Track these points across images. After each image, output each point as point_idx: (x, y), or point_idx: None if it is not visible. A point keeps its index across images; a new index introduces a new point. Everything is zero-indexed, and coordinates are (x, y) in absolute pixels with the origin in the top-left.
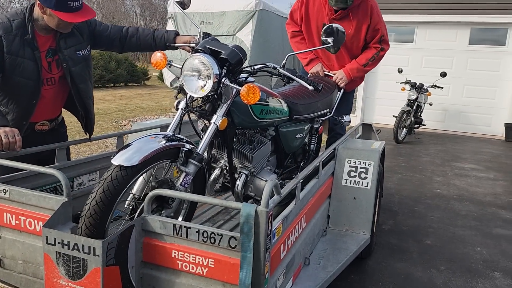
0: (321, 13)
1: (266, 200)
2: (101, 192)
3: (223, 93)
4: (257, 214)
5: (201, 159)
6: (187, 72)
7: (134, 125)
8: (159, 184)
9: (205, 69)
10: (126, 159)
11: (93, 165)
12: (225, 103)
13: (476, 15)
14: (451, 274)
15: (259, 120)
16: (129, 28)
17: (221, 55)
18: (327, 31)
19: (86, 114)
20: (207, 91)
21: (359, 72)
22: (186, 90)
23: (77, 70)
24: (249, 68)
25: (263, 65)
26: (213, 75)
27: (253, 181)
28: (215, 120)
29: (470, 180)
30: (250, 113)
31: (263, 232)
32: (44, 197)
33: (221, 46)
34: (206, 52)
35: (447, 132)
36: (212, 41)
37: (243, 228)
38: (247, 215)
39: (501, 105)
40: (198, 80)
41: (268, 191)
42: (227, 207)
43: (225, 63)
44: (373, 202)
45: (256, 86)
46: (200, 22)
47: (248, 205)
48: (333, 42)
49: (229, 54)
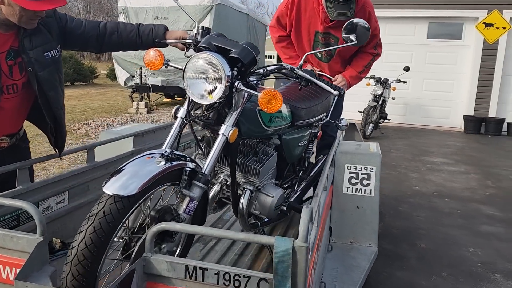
0: (314, 19)
1: (305, 233)
2: (92, 231)
3: (234, 99)
4: (295, 251)
5: (207, 181)
6: (192, 74)
7: (102, 133)
8: (160, 213)
9: (213, 70)
10: (122, 187)
11: (62, 184)
12: (235, 110)
13: (434, 10)
14: (455, 281)
15: (267, 129)
16: (108, 24)
17: (231, 54)
18: (347, 27)
19: (57, 127)
20: (217, 97)
21: (356, 80)
22: (190, 96)
23: (45, 75)
24: (261, 69)
25: (278, 66)
26: (225, 77)
27: (258, 198)
28: (224, 131)
29: (444, 175)
30: (259, 120)
31: (302, 272)
32: (12, 236)
33: (230, 43)
34: (212, 50)
35: (409, 125)
36: (218, 37)
37: (278, 268)
38: (282, 252)
39: (459, 97)
40: (206, 84)
41: (306, 220)
42: (255, 242)
43: (236, 64)
44: (377, 211)
45: (277, 91)
46: (154, 17)
47: (283, 239)
48: (356, 40)
49: (240, 53)
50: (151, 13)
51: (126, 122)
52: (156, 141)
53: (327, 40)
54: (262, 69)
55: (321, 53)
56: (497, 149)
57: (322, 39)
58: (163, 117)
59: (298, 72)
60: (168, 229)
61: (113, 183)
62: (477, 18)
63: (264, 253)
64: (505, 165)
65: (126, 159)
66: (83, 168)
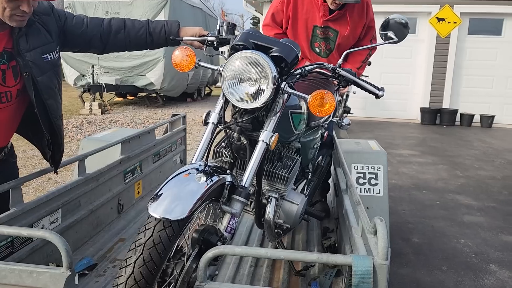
0: (312, 14)
1: (386, 250)
2: (141, 264)
3: (275, 102)
4: (375, 270)
5: (248, 194)
6: (232, 75)
7: (83, 142)
8: (204, 235)
9: (258, 71)
10: (168, 210)
11: (55, 202)
12: (274, 114)
13: (389, 5)
14: (455, 274)
15: (296, 133)
16: (112, 21)
17: (272, 52)
18: (383, 25)
19: (54, 140)
20: (263, 100)
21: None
22: (231, 101)
23: (44, 81)
24: (300, 69)
25: (318, 65)
26: (272, 79)
27: (283, 206)
28: (265, 138)
29: (415, 167)
30: (290, 124)
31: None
32: (30, 271)
33: (270, 40)
34: (250, 48)
35: (369, 118)
36: (255, 33)
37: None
38: (363, 273)
39: (415, 90)
40: (248, 86)
41: (386, 236)
42: (330, 263)
43: (280, 63)
44: (387, 211)
45: (329, 92)
46: (104, 12)
47: (361, 258)
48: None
49: (282, 51)
50: (101, 7)
51: (81, 125)
52: (142, 147)
53: (326, 34)
54: (301, 69)
55: (320, 48)
56: (455, 139)
57: (321, 33)
58: (120, 117)
59: (340, 72)
60: (226, 253)
61: (157, 207)
62: (430, 13)
63: (279, 262)
64: (467, 154)
65: (116, 168)
66: (75, 182)
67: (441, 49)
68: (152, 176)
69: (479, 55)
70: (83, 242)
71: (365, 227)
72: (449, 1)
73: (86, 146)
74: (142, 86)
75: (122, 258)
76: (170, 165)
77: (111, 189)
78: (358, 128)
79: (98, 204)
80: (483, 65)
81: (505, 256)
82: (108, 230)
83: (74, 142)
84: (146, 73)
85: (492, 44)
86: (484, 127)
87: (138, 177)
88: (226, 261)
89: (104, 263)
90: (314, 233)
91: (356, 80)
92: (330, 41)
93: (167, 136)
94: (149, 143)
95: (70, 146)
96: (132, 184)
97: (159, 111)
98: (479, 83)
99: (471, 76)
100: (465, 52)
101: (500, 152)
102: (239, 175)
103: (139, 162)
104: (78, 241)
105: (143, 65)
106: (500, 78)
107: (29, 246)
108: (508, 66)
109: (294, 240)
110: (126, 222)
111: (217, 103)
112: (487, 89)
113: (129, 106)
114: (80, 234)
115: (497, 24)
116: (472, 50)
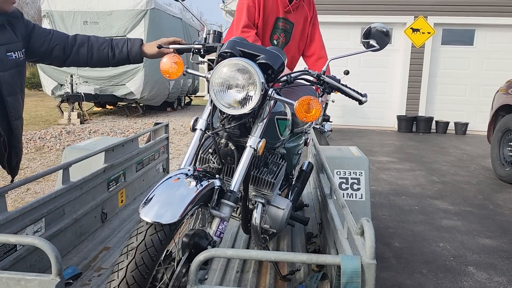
0: (276, 6)
1: (373, 250)
2: (133, 268)
3: (263, 108)
4: (363, 269)
5: (237, 199)
6: (220, 81)
7: (66, 150)
8: (194, 239)
9: (246, 78)
10: (160, 215)
11: (39, 211)
12: (261, 120)
13: (366, 16)
14: (435, 277)
15: (282, 138)
16: (78, 36)
17: (259, 60)
18: (365, 33)
19: (11, 142)
20: (251, 106)
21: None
22: (219, 107)
23: (6, 77)
24: (285, 76)
25: (302, 72)
26: (260, 85)
27: (268, 211)
28: (252, 143)
29: (393, 173)
30: (276, 130)
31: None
32: (18, 279)
33: (257, 48)
34: (237, 55)
35: (347, 126)
36: (242, 41)
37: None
38: (351, 272)
39: (392, 99)
40: (236, 92)
41: (373, 235)
42: (319, 263)
43: (267, 70)
44: (370, 215)
45: (315, 98)
46: (83, 22)
47: (350, 257)
48: (378, 44)
49: (269, 58)
50: (79, 17)
51: (60, 134)
52: (125, 155)
53: (285, 25)
54: (286, 76)
55: (278, 40)
56: (432, 146)
57: (282, 25)
58: (99, 127)
59: (325, 79)
60: (218, 256)
61: (148, 211)
62: (405, 23)
63: (265, 267)
64: (443, 160)
65: (100, 176)
66: (60, 191)
67: (416, 58)
68: (135, 185)
69: (453, 64)
70: (67, 251)
71: (351, 229)
72: (423, 12)
73: (69, 155)
74: (121, 95)
75: (107, 267)
76: (153, 173)
77: (95, 198)
78: (338, 136)
79: (82, 212)
80: (457, 74)
81: (482, 259)
82: (92, 239)
83: (53, 152)
84: (126, 83)
85: (464, 54)
86: (459, 134)
87: (122, 186)
88: (213, 267)
89: (89, 272)
90: (299, 238)
91: (340, 87)
92: (287, 33)
93: (150, 145)
94: (132, 151)
95: (49, 156)
96: (115, 193)
97: (139, 120)
98: (453, 91)
99: (446, 84)
100: (439, 61)
101: (475, 158)
102: (226, 181)
103: (123, 170)
104: (63, 250)
105: (122, 74)
106: (473, 86)
107: (13, 255)
108: (480, 75)
109: (279, 246)
110: (110, 230)
111: (205, 109)
112: (461, 97)
113: (108, 115)
114: (64, 243)
115: (469, 35)
116: (445, 60)
